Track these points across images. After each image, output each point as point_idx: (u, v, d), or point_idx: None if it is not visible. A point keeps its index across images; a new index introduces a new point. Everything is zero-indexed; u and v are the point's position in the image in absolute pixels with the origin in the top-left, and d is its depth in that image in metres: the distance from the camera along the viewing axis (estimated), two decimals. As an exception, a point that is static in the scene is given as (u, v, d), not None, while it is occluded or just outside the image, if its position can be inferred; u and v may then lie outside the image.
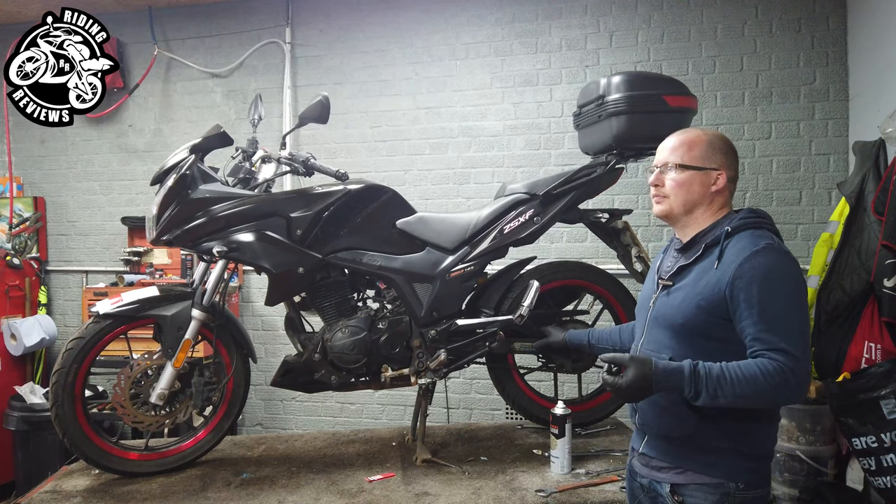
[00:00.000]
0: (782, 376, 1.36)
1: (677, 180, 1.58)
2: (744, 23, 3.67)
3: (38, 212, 4.45)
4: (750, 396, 1.37)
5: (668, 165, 1.60)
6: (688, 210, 1.59)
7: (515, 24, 3.93)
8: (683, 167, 1.58)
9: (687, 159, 1.58)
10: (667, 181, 1.60)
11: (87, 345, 2.24)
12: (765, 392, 1.37)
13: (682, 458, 1.53)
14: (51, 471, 2.75)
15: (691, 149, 1.58)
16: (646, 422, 1.60)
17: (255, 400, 4.24)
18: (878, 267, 2.62)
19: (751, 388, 1.36)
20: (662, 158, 1.62)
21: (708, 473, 1.50)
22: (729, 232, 1.51)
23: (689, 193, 1.58)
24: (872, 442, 2.42)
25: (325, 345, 2.38)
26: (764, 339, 1.40)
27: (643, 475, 1.63)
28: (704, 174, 1.57)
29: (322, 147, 4.08)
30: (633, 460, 1.70)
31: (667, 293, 1.58)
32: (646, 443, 1.62)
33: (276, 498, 2.16)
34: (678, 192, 1.58)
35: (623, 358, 1.44)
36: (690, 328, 1.50)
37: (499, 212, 2.49)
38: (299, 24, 4.17)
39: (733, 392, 1.37)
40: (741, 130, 3.67)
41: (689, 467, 1.52)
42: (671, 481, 1.54)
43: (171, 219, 2.24)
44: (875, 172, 2.84)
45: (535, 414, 2.66)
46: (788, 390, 1.37)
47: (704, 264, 1.52)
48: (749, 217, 1.55)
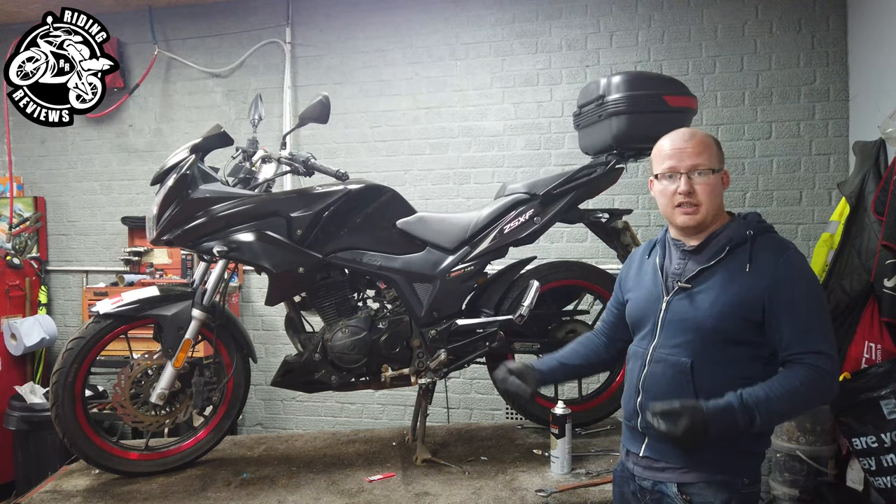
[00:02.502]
0: (821, 380, 1.41)
1: (710, 184, 1.52)
2: (744, 23, 3.67)
3: (38, 212, 4.45)
4: (798, 407, 1.47)
5: (700, 170, 1.52)
6: (715, 215, 1.56)
7: (515, 24, 3.93)
8: (713, 171, 1.53)
9: (713, 162, 1.53)
10: (697, 187, 1.52)
11: (87, 345, 2.24)
12: (809, 399, 1.45)
13: (687, 459, 1.51)
14: (51, 471, 2.75)
15: (710, 150, 1.54)
16: (650, 425, 1.54)
17: (256, 400, 4.24)
18: (879, 267, 2.61)
19: (797, 400, 1.42)
20: (689, 163, 1.53)
21: (717, 471, 1.49)
22: (752, 235, 1.51)
23: (717, 197, 1.54)
24: (872, 442, 2.42)
25: (325, 345, 2.38)
26: (801, 342, 1.43)
27: (644, 478, 1.59)
28: (720, 176, 1.55)
29: (322, 147, 4.08)
30: (627, 464, 1.65)
31: (686, 296, 1.54)
32: (647, 446, 1.58)
33: (276, 498, 2.16)
34: (711, 197, 1.53)
35: (675, 407, 1.43)
36: (722, 331, 1.48)
37: (499, 212, 2.49)
38: (299, 24, 4.17)
39: (782, 410, 1.43)
40: (741, 130, 3.67)
41: (692, 467, 1.51)
42: (678, 480, 1.52)
43: (172, 219, 2.24)
44: (875, 172, 2.84)
45: (535, 414, 2.66)
46: (829, 390, 1.44)
47: (732, 267, 1.50)
48: (762, 221, 1.57)
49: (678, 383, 1.51)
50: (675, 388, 1.51)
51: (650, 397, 1.55)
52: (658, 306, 1.58)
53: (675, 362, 1.52)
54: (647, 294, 1.63)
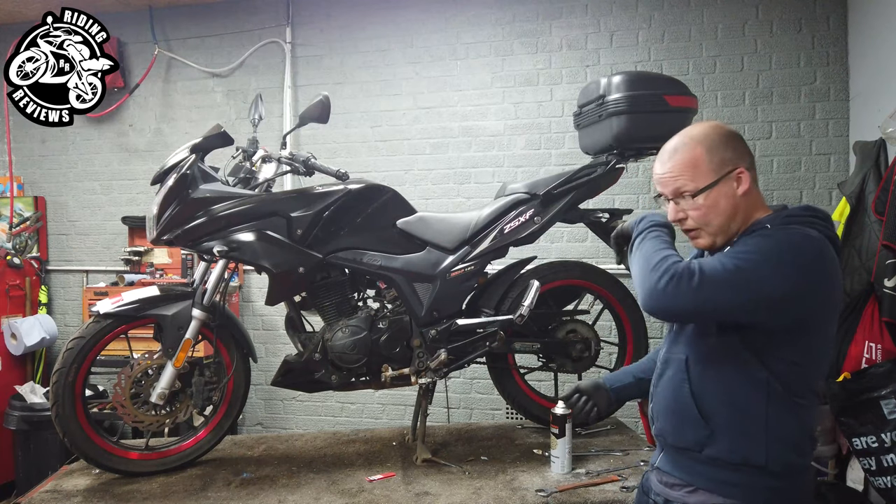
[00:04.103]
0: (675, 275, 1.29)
1: (703, 206, 1.37)
2: (744, 23, 3.67)
3: (38, 211, 4.45)
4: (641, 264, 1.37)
5: (684, 194, 1.39)
6: (727, 230, 1.39)
7: (516, 24, 3.93)
8: (700, 191, 1.36)
9: (699, 181, 1.36)
10: (690, 212, 1.40)
11: (87, 344, 2.24)
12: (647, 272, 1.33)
13: (693, 474, 1.41)
14: (51, 471, 2.75)
15: (696, 166, 1.37)
16: (660, 432, 1.50)
17: (256, 399, 4.24)
18: (879, 267, 2.62)
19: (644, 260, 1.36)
20: (671, 189, 1.41)
21: (720, 493, 1.36)
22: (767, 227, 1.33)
23: (719, 215, 1.37)
24: (872, 442, 2.42)
25: (325, 344, 2.38)
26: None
27: (658, 492, 1.50)
28: (724, 184, 1.36)
29: (322, 147, 4.08)
30: (650, 475, 1.57)
31: None
32: (662, 456, 1.52)
33: (277, 497, 2.16)
34: (709, 219, 1.38)
35: None
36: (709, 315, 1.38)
37: (499, 211, 2.49)
38: (300, 24, 4.17)
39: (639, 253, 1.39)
40: (741, 130, 3.66)
41: (700, 485, 1.40)
42: (683, 500, 1.42)
43: (172, 218, 2.24)
44: (875, 172, 2.84)
45: (535, 414, 2.66)
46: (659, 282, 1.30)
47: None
48: (802, 214, 1.35)
49: (676, 383, 1.45)
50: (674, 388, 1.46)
51: (657, 401, 1.52)
52: None
53: (675, 360, 1.47)
54: None
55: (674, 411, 1.45)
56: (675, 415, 1.45)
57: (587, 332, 2.63)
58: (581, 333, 2.62)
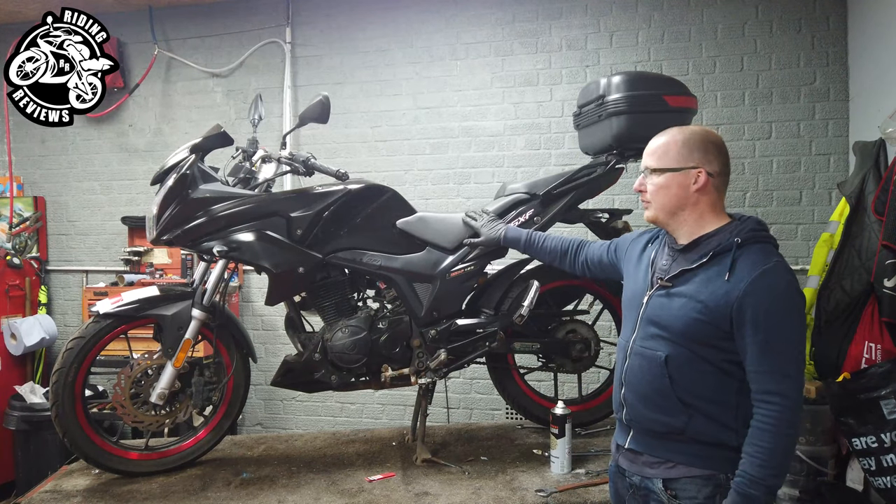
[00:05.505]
0: (784, 421, 1.42)
1: (656, 184, 1.58)
2: (744, 23, 3.67)
3: (38, 211, 4.45)
4: (788, 449, 1.45)
5: (650, 169, 1.60)
6: (671, 213, 1.58)
7: (516, 24, 3.93)
8: (660, 171, 1.57)
9: (663, 162, 1.57)
10: (648, 186, 1.60)
11: (87, 344, 2.24)
12: (783, 439, 1.43)
13: (671, 452, 1.54)
14: (51, 471, 2.75)
15: (667, 151, 1.57)
16: (634, 417, 1.60)
17: (255, 400, 4.24)
18: (879, 267, 2.61)
19: (778, 445, 1.42)
20: (644, 163, 1.62)
21: (699, 465, 1.51)
22: (739, 243, 1.49)
23: (667, 197, 1.56)
24: (872, 442, 2.42)
25: (325, 344, 2.38)
26: (762, 380, 1.44)
27: (632, 472, 1.62)
28: (682, 175, 1.55)
29: (322, 147, 4.08)
30: (619, 458, 1.68)
31: (665, 294, 1.56)
32: (632, 438, 1.61)
33: (276, 497, 2.16)
34: (657, 196, 1.58)
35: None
36: (689, 336, 1.50)
37: (499, 212, 2.49)
38: (299, 24, 4.17)
39: (776, 463, 1.43)
40: (741, 130, 3.67)
41: (680, 461, 1.53)
42: (663, 476, 1.54)
43: (172, 218, 2.24)
44: (875, 172, 2.84)
45: (535, 414, 2.66)
46: (794, 427, 1.44)
47: (711, 273, 1.50)
48: (758, 230, 1.53)
49: (655, 376, 1.54)
50: (653, 381, 1.55)
51: (631, 390, 1.60)
52: (642, 300, 1.62)
53: (652, 356, 1.55)
54: (636, 287, 1.67)
55: (654, 402, 1.56)
56: (654, 405, 1.56)
57: (587, 333, 2.63)
58: (581, 333, 2.63)
